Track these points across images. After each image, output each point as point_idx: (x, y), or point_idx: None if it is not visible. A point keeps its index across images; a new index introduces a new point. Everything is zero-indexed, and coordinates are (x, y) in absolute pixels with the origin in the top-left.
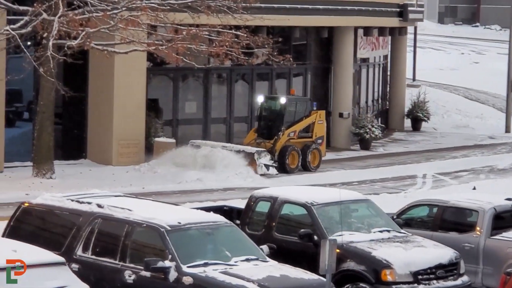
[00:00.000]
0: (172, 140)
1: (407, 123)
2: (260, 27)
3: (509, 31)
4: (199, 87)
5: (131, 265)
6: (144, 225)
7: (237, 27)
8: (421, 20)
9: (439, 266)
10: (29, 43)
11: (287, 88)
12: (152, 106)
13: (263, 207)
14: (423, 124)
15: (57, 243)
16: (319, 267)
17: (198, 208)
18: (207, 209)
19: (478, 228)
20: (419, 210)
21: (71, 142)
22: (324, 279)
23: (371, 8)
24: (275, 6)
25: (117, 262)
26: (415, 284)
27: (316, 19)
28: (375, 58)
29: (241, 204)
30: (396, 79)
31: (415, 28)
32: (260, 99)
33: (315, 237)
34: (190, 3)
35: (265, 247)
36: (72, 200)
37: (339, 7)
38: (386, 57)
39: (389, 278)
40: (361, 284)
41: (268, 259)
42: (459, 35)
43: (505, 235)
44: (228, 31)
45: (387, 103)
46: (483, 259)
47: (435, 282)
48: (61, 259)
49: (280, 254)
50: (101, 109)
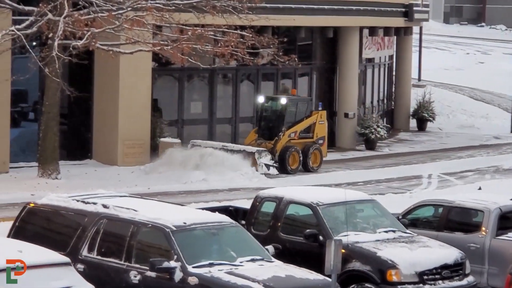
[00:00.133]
0: (178, 140)
1: (413, 123)
2: (266, 27)
3: None
4: (204, 87)
5: (137, 265)
6: (150, 225)
7: (242, 27)
8: (426, 20)
9: (445, 266)
10: (34, 44)
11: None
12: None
13: (268, 208)
14: (429, 124)
15: (62, 243)
16: (324, 267)
17: (203, 209)
18: (213, 209)
19: (483, 228)
20: (424, 210)
21: (77, 143)
22: (329, 280)
23: (376, 8)
24: (281, 6)
25: (122, 263)
26: (421, 285)
27: (321, 19)
28: (380, 58)
29: (246, 204)
30: (401, 79)
31: (421, 28)
32: (260, 99)
33: (321, 237)
34: (195, 3)
35: (270, 247)
36: (78, 201)
37: (345, 7)
38: (391, 57)
39: (394, 279)
40: (366, 284)
41: (273, 259)
42: (464, 35)
43: (510, 235)
44: (233, 31)
45: (393, 103)
46: (488, 259)
47: (440, 282)
48: (66, 259)
49: (286, 254)
50: (106, 109)
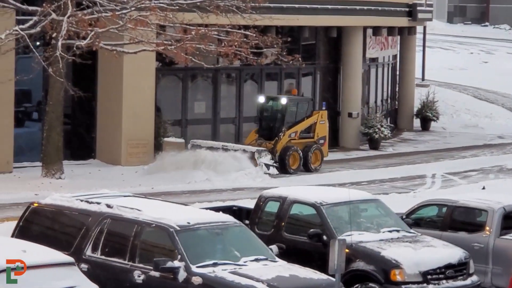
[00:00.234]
0: (181, 140)
1: (416, 122)
2: (269, 27)
3: None
4: (208, 87)
5: (140, 265)
6: (153, 225)
7: (246, 27)
8: (430, 19)
9: (449, 266)
10: (38, 43)
11: (297, 88)
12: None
13: (272, 207)
14: (432, 123)
15: (66, 243)
16: (328, 267)
17: (207, 208)
18: (216, 209)
19: (487, 228)
20: (428, 210)
21: (80, 142)
22: (333, 279)
23: (380, 8)
24: (284, 6)
25: (126, 262)
26: (425, 284)
27: (325, 18)
28: (384, 57)
29: (250, 204)
30: (405, 78)
31: (424, 28)
32: (261, 99)
33: (324, 237)
34: (199, 3)
35: (274, 247)
36: (81, 200)
37: (348, 7)
38: (395, 56)
39: (398, 278)
40: (370, 284)
41: (277, 259)
42: (468, 34)
43: None
44: (237, 31)
45: (396, 102)
46: (492, 259)
47: (444, 282)
48: (70, 259)
49: (289, 254)
50: (110, 109)
